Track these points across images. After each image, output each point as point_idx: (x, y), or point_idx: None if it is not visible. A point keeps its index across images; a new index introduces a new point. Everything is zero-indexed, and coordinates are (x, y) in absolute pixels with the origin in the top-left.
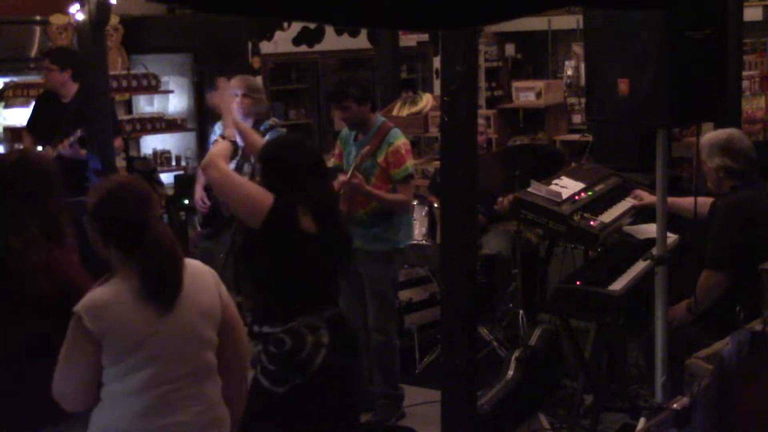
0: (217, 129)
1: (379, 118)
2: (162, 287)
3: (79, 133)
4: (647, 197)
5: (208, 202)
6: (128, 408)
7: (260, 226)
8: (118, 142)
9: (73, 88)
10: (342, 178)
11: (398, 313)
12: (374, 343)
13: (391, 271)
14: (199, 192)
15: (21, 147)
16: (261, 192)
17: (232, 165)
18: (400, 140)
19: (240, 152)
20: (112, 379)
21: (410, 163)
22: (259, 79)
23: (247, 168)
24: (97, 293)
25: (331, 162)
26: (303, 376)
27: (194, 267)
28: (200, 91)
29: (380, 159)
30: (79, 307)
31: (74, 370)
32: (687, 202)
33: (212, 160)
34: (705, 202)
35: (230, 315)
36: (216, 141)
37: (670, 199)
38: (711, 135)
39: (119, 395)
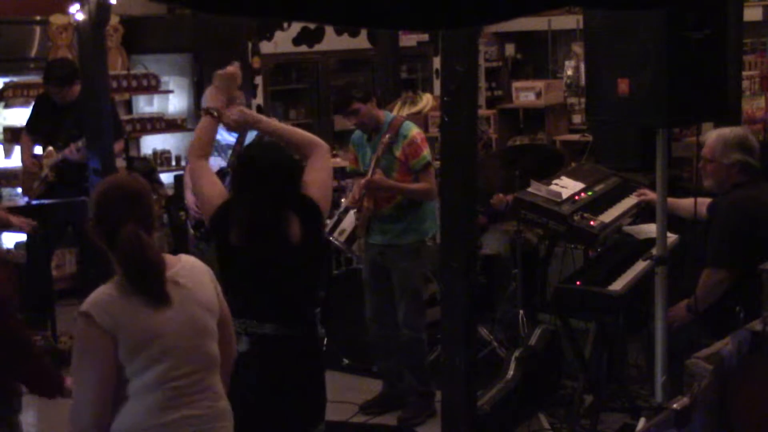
0: None
1: (387, 114)
2: (141, 283)
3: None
4: (651, 193)
5: None
6: (145, 403)
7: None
8: (120, 145)
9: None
10: (361, 180)
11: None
12: (404, 340)
13: (421, 264)
14: (190, 198)
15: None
16: (213, 198)
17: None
18: (414, 131)
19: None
20: (130, 375)
21: (427, 151)
22: (259, 79)
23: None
24: (100, 291)
25: (347, 167)
26: None
27: (190, 262)
28: (200, 91)
29: (398, 153)
30: (85, 307)
31: (89, 376)
32: (686, 202)
33: (189, 161)
34: (703, 202)
35: (225, 310)
36: (203, 114)
37: (669, 201)
38: (719, 133)
39: (138, 390)
